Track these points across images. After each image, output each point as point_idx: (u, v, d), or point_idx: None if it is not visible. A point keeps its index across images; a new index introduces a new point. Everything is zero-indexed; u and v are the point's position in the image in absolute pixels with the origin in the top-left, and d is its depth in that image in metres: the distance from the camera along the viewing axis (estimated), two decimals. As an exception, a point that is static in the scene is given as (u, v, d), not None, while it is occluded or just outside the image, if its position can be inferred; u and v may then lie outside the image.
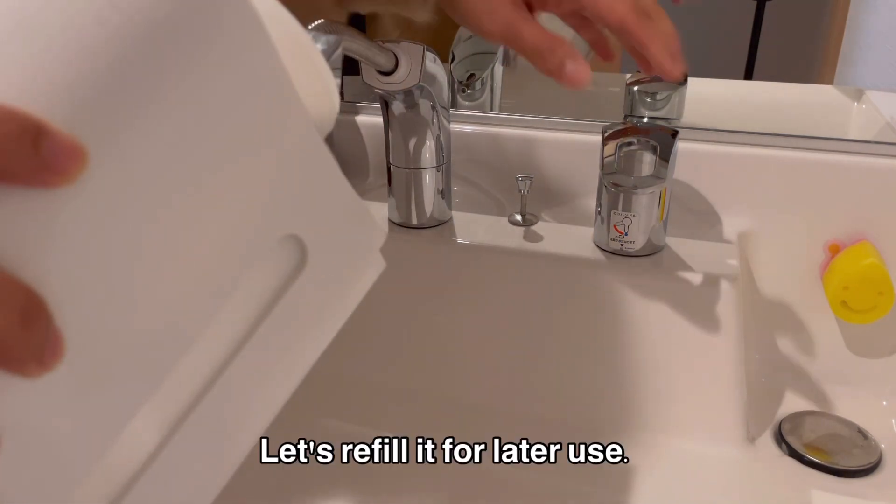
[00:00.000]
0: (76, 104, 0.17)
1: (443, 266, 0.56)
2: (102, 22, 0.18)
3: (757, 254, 0.57)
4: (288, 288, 0.23)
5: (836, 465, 0.47)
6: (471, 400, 0.56)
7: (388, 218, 0.59)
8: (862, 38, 0.61)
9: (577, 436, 0.51)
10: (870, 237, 0.54)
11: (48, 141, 0.17)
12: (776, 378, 0.57)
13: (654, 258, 0.52)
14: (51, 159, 0.17)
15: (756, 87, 0.66)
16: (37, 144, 0.16)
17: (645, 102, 0.61)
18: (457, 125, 0.62)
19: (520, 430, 0.52)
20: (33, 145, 0.16)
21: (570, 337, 0.53)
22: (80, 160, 0.17)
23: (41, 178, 0.17)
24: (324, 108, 0.25)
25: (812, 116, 0.62)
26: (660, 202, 0.51)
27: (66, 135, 0.17)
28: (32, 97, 0.17)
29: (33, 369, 0.17)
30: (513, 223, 0.58)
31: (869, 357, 0.56)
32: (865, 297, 0.51)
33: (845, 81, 0.62)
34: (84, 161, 0.17)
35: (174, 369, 0.21)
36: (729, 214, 0.57)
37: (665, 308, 0.51)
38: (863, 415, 0.52)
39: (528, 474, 0.48)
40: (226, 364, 0.22)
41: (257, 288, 0.23)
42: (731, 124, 0.57)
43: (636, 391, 0.52)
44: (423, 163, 0.55)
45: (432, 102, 0.52)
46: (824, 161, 0.54)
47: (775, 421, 0.52)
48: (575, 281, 0.53)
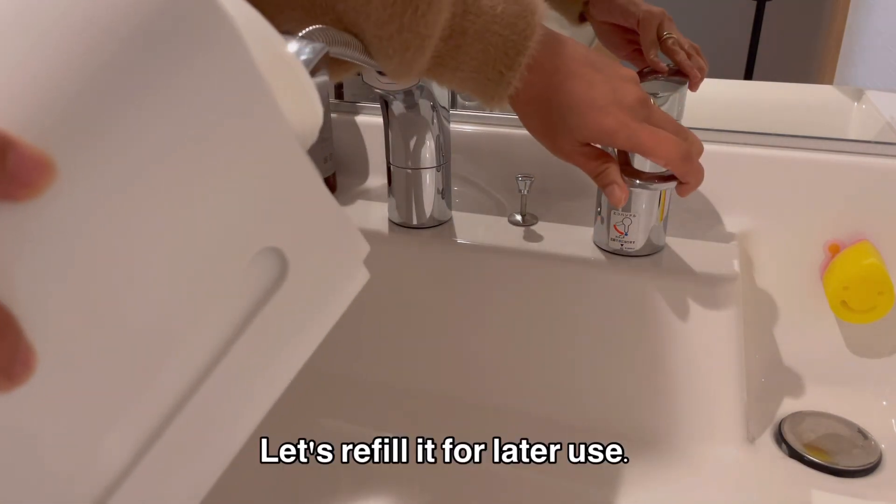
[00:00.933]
0: (45, 116, 0.17)
1: (443, 266, 0.56)
2: (77, 32, 0.18)
3: (757, 254, 0.57)
4: (268, 300, 0.23)
5: (836, 465, 0.47)
6: (471, 400, 0.56)
7: (388, 218, 0.59)
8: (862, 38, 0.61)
9: (577, 436, 0.51)
10: (870, 237, 0.54)
11: (14, 154, 0.17)
12: (776, 378, 0.57)
13: (654, 258, 0.52)
14: (17, 172, 0.17)
15: (756, 87, 0.66)
16: (2, 157, 0.16)
17: (645, 102, 0.61)
18: (457, 125, 0.62)
19: (520, 430, 0.52)
20: (14, 349, 0.17)
21: (570, 337, 0.53)
22: (48, 173, 0.17)
23: (7, 192, 0.17)
24: (306, 120, 0.25)
25: (812, 116, 0.62)
26: (660, 202, 0.51)
27: (34, 147, 0.17)
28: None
29: (1, 383, 0.17)
30: (513, 223, 0.58)
31: (869, 357, 0.56)
32: (865, 297, 0.51)
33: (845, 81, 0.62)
34: (52, 174, 0.17)
35: (153, 380, 0.21)
36: (729, 214, 0.57)
37: (665, 308, 0.51)
38: (863, 415, 0.52)
39: (528, 474, 0.48)
40: (205, 375, 0.22)
41: (237, 300, 0.23)
42: (731, 124, 0.57)
43: (636, 391, 0.52)
44: (422, 163, 0.55)
45: (432, 102, 0.52)
46: (824, 161, 0.54)
47: (775, 421, 0.52)
48: (575, 281, 0.53)
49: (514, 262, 0.54)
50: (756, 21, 0.64)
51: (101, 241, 0.18)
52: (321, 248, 0.25)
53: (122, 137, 0.18)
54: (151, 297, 0.20)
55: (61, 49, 0.17)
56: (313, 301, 0.25)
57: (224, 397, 0.23)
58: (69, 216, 0.18)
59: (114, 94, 0.18)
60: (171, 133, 0.19)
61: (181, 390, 0.22)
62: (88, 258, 0.18)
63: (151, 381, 0.21)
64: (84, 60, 0.18)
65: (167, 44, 0.18)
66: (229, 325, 0.23)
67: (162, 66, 0.18)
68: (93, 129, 0.18)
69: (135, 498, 0.22)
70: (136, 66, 0.18)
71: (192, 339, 0.22)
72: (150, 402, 0.21)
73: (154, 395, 0.21)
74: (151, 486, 0.22)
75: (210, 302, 0.21)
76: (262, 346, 0.24)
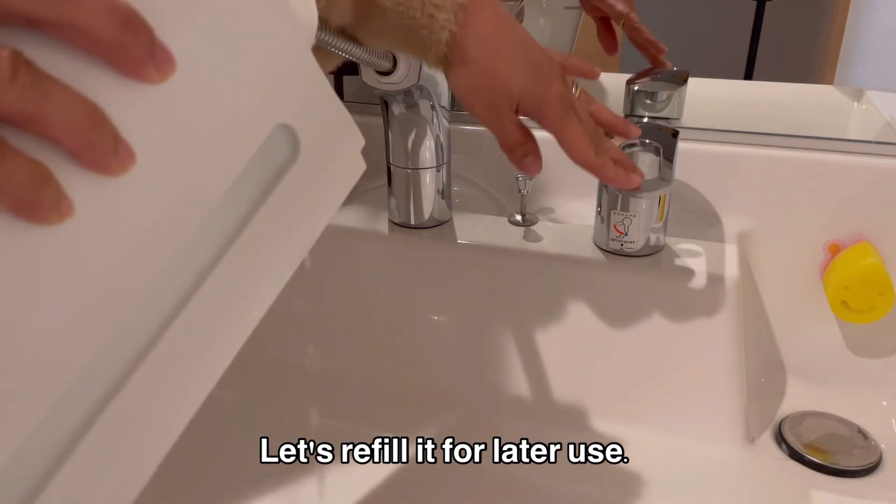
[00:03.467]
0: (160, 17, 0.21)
1: (443, 266, 0.56)
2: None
3: (757, 254, 0.57)
4: (284, 174, 0.26)
5: (836, 466, 0.47)
6: (471, 400, 0.56)
7: (388, 218, 0.59)
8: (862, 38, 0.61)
9: (577, 436, 0.51)
10: (870, 237, 0.54)
11: (160, 46, 0.20)
12: (776, 378, 0.57)
13: (654, 258, 0.52)
14: (160, 60, 0.20)
15: (756, 87, 0.66)
16: (152, 45, 0.20)
17: (645, 103, 0.61)
18: (457, 125, 0.62)
19: (520, 430, 0.52)
20: (151, 42, 0.20)
21: (570, 337, 0.53)
22: (173, 67, 0.21)
23: (146, 73, 0.20)
24: (307, 21, 0.29)
25: (812, 116, 0.62)
26: (660, 202, 0.51)
27: (166, 44, 0.21)
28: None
29: (153, 74, 0.20)
30: (513, 223, 0.58)
31: (869, 357, 0.56)
32: (865, 297, 0.51)
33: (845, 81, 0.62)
34: (174, 68, 0.21)
35: (187, 242, 0.23)
36: (729, 214, 0.57)
37: (665, 308, 0.51)
38: (863, 415, 0.52)
39: (528, 474, 0.48)
40: (226, 248, 0.25)
41: (259, 172, 0.25)
42: (731, 124, 0.57)
43: (636, 391, 0.52)
44: (422, 163, 0.55)
45: (432, 102, 0.52)
46: (824, 161, 0.54)
47: (775, 421, 0.52)
48: (575, 281, 0.53)
49: (514, 262, 0.54)
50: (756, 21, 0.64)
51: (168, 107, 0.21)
52: (326, 132, 0.28)
53: (188, 31, 0.22)
54: (186, 162, 0.22)
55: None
56: (321, 179, 0.28)
57: (244, 271, 0.26)
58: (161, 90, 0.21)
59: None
60: (205, 25, 0.22)
61: (205, 261, 0.24)
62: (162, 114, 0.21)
63: (186, 241, 0.23)
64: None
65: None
66: (253, 192, 0.26)
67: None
68: (174, 25, 0.21)
69: (174, 351, 0.24)
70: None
71: (220, 210, 0.24)
72: (178, 267, 0.24)
73: (184, 258, 0.24)
74: (170, 367, 0.24)
75: (237, 169, 0.24)
76: (279, 218, 0.27)
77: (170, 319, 0.24)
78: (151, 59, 0.20)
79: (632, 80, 0.62)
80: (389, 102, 0.52)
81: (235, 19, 0.23)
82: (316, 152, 0.27)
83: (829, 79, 0.63)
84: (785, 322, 0.57)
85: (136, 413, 0.23)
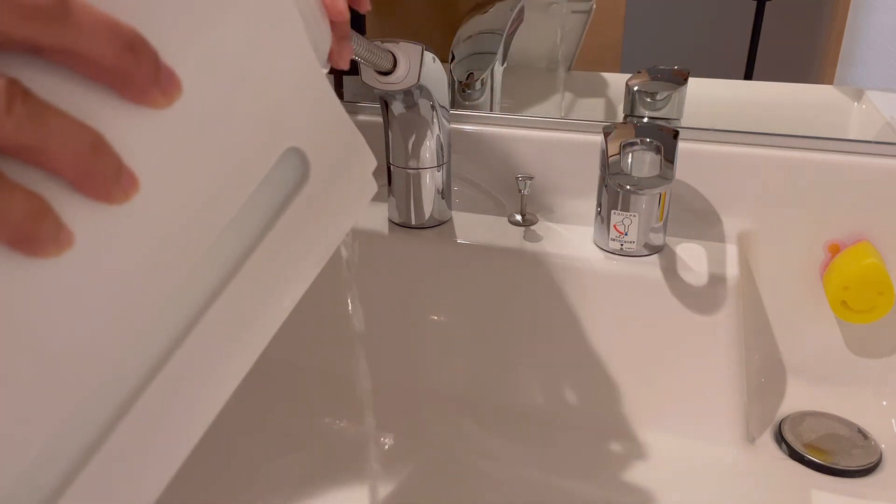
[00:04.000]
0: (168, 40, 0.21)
1: (443, 266, 0.56)
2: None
3: (757, 254, 0.57)
4: (293, 199, 0.26)
5: (836, 466, 0.47)
6: (471, 399, 0.56)
7: (388, 218, 0.59)
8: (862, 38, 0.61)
9: (577, 435, 0.51)
10: (870, 237, 0.54)
11: (164, 68, 0.20)
12: (776, 378, 0.57)
13: (653, 258, 0.52)
14: (164, 83, 0.20)
15: (756, 87, 0.65)
16: (157, 69, 0.20)
17: (645, 102, 0.61)
18: (457, 125, 0.62)
19: (519, 430, 0.52)
20: (155, 65, 0.20)
21: (570, 337, 0.53)
22: (179, 91, 0.21)
23: (150, 95, 0.20)
24: (321, 44, 0.29)
25: (812, 116, 0.62)
26: (660, 202, 0.51)
27: (171, 68, 0.20)
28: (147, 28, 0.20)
29: (158, 98, 0.20)
30: (513, 223, 0.58)
31: (869, 357, 0.56)
32: (865, 297, 0.51)
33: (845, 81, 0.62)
34: (179, 92, 0.21)
35: (195, 265, 0.23)
36: (729, 214, 0.57)
37: (665, 308, 0.51)
38: (863, 415, 0.52)
39: (528, 474, 0.48)
40: (236, 271, 0.25)
41: (269, 195, 0.25)
42: (731, 124, 0.57)
43: (636, 391, 0.52)
44: (422, 163, 0.55)
45: (432, 102, 0.52)
46: (824, 161, 0.54)
47: (775, 421, 0.52)
48: (575, 281, 0.53)
49: (514, 262, 0.54)
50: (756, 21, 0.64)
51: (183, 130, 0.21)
52: (337, 154, 0.28)
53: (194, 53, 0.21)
54: (203, 180, 0.22)
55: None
56: (332, 202, 0.28)
57: (254, 290, 0.26)
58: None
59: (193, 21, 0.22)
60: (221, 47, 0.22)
61: (215, 280, 0.24)
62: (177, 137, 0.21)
63: (197, 261, 0.23)
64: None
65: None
66: (262, 216, 0.26)
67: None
68: (179, 48, 0.21)
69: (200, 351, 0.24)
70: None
71: (231, 227, 0.24)
72: (189, 288, 0.24)
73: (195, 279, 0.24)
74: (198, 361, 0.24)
75: (245, 194, 0.24)
76: (289, 241, 0.26)
77: (178, 343, 0.23)
78: (156, 83, 0.20)
79: (632, 80, 0.62)
80: (389, 102, 0.52)
81: (243, 40, 0.23)
82: (327, 175, 0.27)
83: (829, 79, 0.63)
84: (785, 322, 0.57)
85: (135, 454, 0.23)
